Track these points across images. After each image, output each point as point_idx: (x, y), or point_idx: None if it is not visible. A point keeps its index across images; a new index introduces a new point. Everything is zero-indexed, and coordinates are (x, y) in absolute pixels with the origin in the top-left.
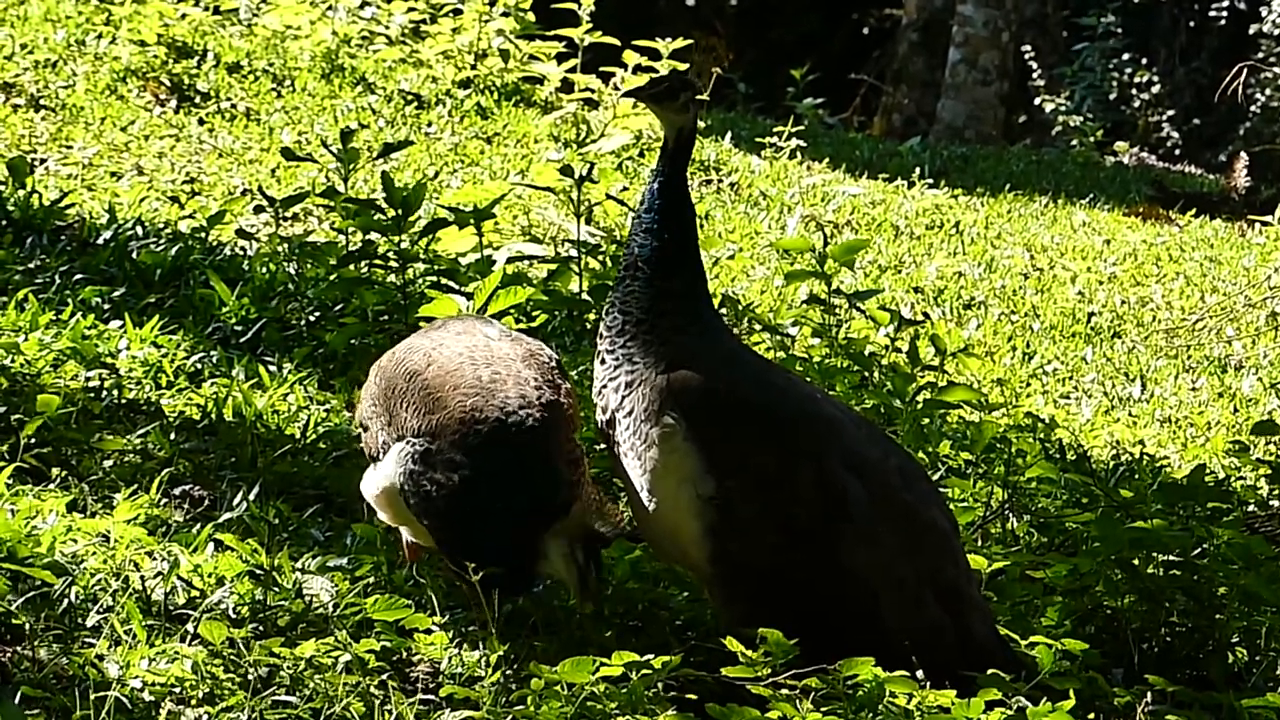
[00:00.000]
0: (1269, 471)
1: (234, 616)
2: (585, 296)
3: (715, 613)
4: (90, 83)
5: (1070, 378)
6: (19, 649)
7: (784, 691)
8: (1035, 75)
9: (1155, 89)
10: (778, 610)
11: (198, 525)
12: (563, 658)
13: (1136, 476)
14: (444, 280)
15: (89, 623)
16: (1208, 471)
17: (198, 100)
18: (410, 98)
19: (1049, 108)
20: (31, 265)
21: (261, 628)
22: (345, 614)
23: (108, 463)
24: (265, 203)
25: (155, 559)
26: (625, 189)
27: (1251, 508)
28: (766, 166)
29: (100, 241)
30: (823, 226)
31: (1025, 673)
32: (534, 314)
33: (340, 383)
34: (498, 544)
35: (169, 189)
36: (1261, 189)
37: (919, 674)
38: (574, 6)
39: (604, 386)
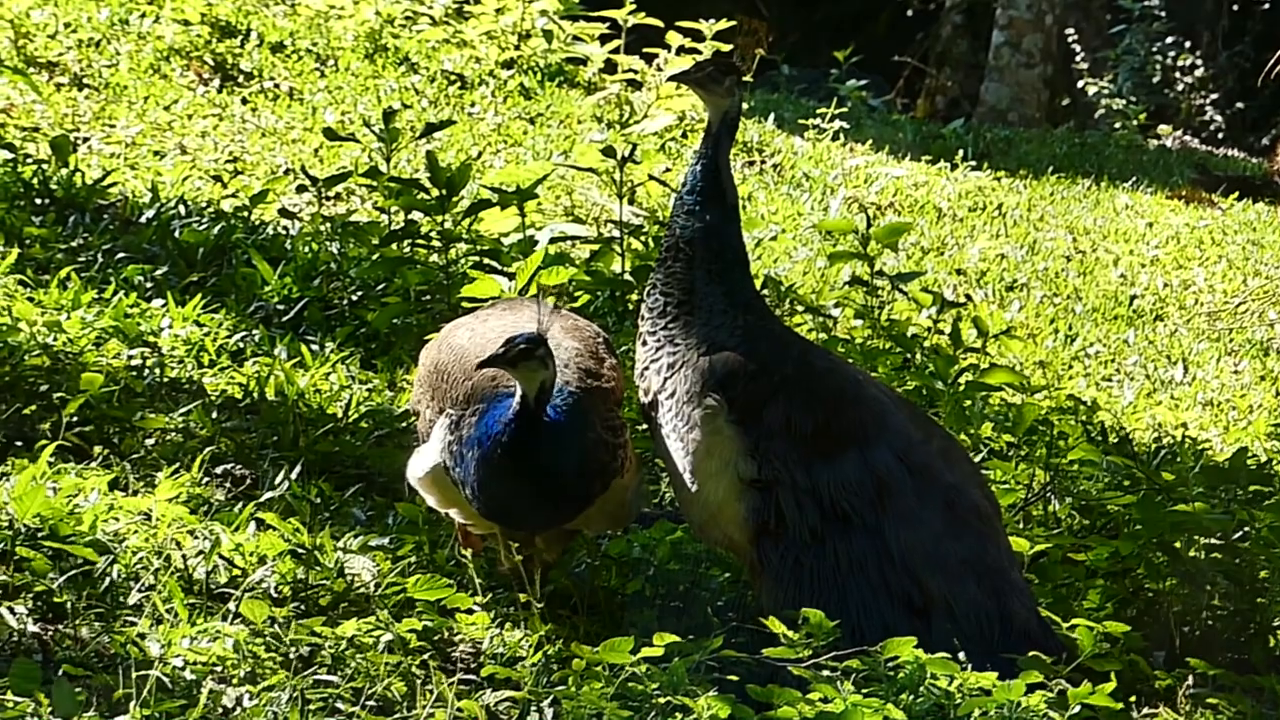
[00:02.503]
0: None
1: (275, 596)
2: (627, 277)
3: (756, 594)
4: (133, 61)
5: (1112, 360)
6: (61, 627)
7: (825, 673)
8: (1079, 58)
9: (1198, 72)
10: (819, 592)
11: (239, 504)
12: (604, 639)
13: (1178, 459)
14: (486, 260)
15: (130, 601)
16: (1249, 454)
17: (241, 79)
18: (453, 78)
19: (1092, 90)
20: (74, 244)
21: (303, 607)
22: (387, 593)
23: (149, 441)
24: (308, 182)
25: (197, 538)
26: (668, 170)
27: None
28: (809, 148)
29: (143, 220)
30: (865, 208)
31: (1066, 655)
32: (576, 294)
33: (382, 362)
34: (528, 504)
35: (212, 168)
36: None
37: (960, 656)
38: None
39: (646, 368)
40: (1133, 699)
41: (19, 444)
